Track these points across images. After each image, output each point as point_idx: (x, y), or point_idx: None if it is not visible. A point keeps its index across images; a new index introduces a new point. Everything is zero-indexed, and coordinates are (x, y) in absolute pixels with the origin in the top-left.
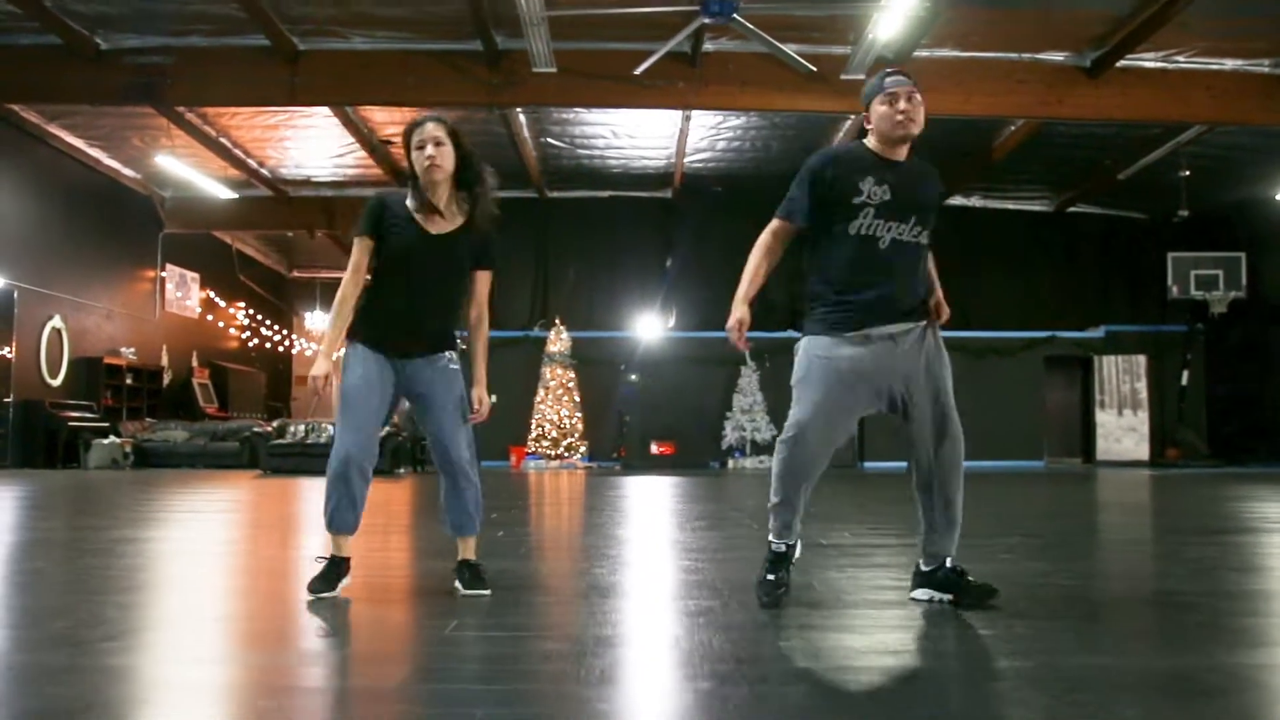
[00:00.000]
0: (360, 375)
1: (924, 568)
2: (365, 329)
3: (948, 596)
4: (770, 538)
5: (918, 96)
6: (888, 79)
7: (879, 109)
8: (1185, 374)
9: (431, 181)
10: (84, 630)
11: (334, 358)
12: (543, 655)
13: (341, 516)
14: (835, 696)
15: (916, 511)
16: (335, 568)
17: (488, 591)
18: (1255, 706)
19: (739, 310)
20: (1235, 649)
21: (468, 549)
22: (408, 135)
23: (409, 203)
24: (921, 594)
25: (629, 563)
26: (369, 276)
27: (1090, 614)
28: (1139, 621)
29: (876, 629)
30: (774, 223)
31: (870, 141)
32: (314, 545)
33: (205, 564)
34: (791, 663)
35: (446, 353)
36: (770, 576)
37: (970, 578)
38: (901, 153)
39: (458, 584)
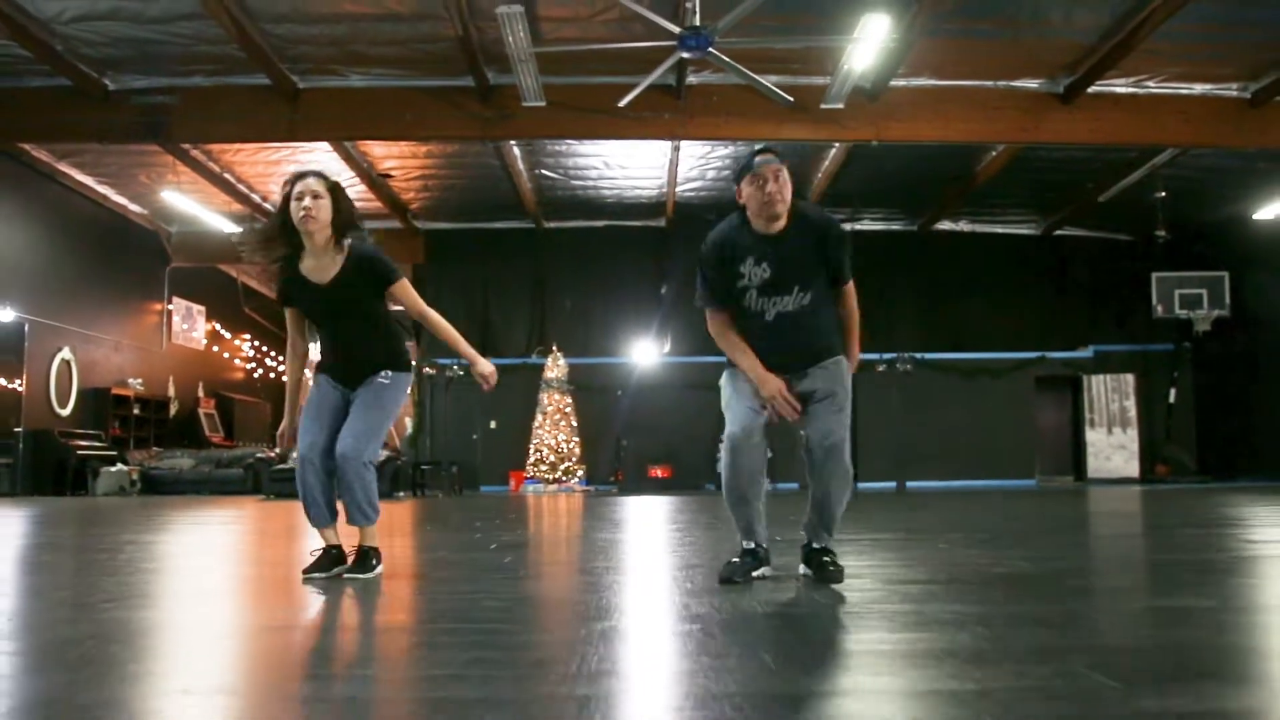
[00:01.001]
0: (314, 396)
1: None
2: (320, 360)
3: (809, 572)
4: (740, 539)
5: (784, 174)
6: (756, 159)
7: (748, 189)
8: (1172, 392)
9: (306, 231)
10: (86, 596)
11: (295, 421)
12: (491, 607)
13: (310, 511)
14: (728, 629)
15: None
16: (326, 557)
17: (370, 574)
18: (1064, 634)
19: (770, 382)
20: (1089, 600)
21: (365, 536)
22: (287, 187)
23: (298, 257)
24: (800, 568)
25: (600, 552)
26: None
27: (987, 581)
28: (1024, 587)
29: (776, 591)
30: (707, 315)
31: (750, 218)
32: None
33: (207, 558)
34: (702, 610)
35: (383, 372)
36: (734, 560)
37: (828, 560)
38: (778, 225)
39: (348, 570)
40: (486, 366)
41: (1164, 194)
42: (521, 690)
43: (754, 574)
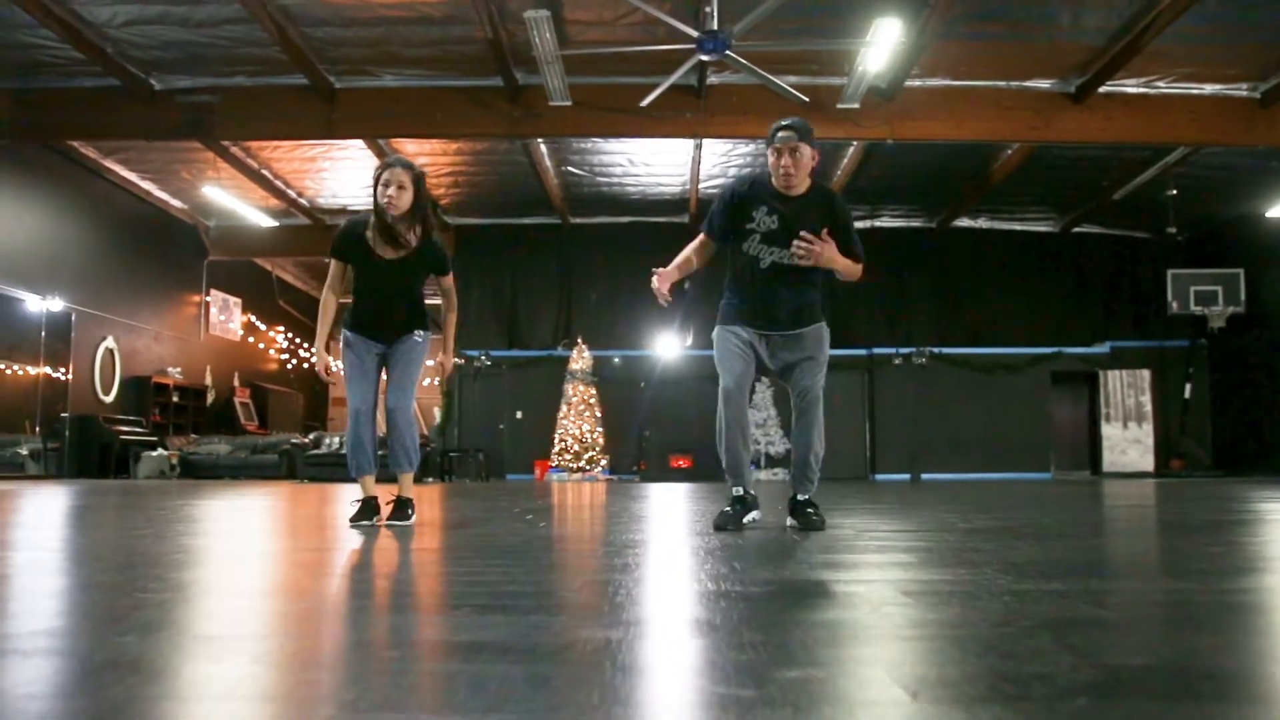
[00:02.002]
0: (354, 354)
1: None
2: (352, 319)
3: (794, 522)
4: (730, 485)
5: (803, 150)
6: (779, 133)
7: (769, 157)
8: (1188, 387)
9: (387, 214)
10: (161, 530)
11: (325, 354)
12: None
13: (358, 459)
14: (730, 551)
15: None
16: (368, 506)
17: (408, 522)
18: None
19: (656, 277)
20: (1023, 540)
21: (404, 486)
22: (378, 172)
23: (370, 229)
24: (787, 519)
25: (618, 521)
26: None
27: (948, 529)
28: (977, 534)
29: (768, 533)
30: (699, 236)
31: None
32: (345, 509)
33: (257, 514)
34: (705, 541)
35: (416, 332)
36: (726, 509)
37: (811, 510)
38: (795, 191)
39: (387, 519)
40: (449, 362)
41: (1174, 192)
42: (541, 583)
43: (744, 519)
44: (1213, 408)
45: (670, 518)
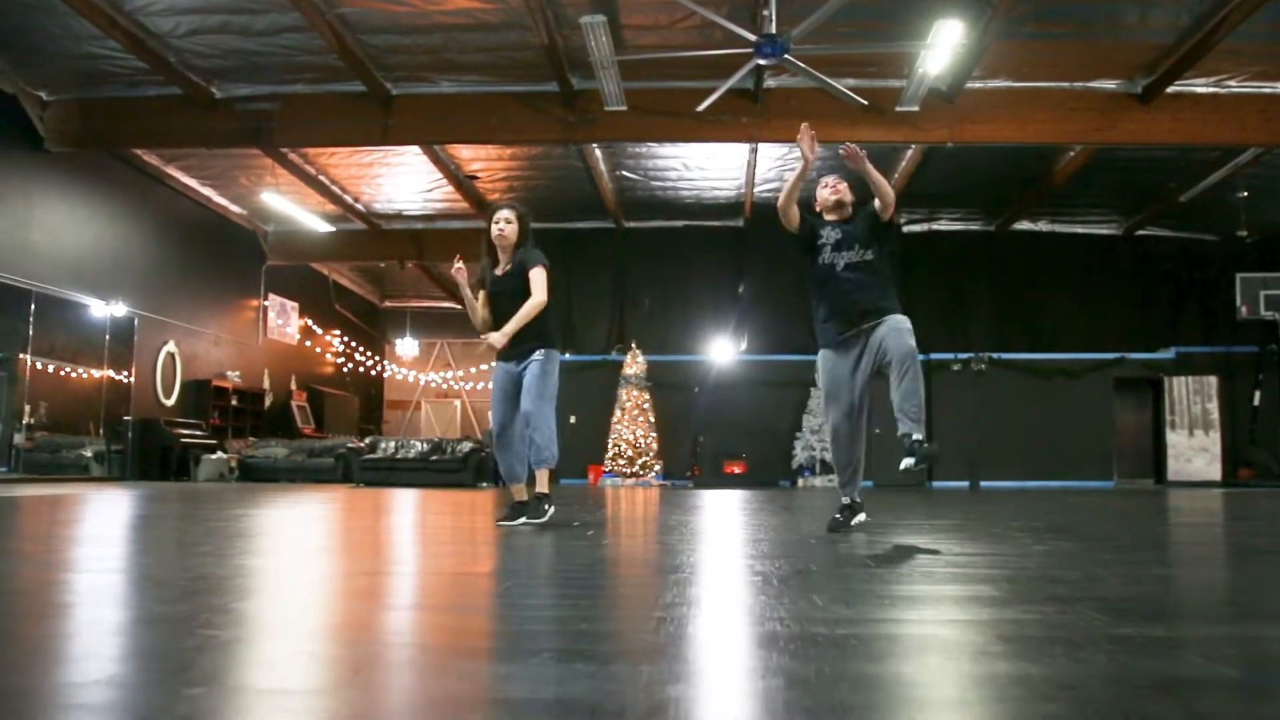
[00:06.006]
0: (497, 379)
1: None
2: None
3: (911, 460)
4: (841, 493)
5: (843, 185)
6: (827, 176)
7: (819, 193)
8: (1257, 394)
9: (500, 247)
10: (202, 543)
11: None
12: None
13: (508, 469)
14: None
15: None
16: (515, 509)
17: (541, 520)
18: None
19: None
20: (1108, 567)
21: (542, 482)
22: (490, 213)
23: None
24: (905, 461)
25: (693, 530)
26: None
27: (1026, 554)
28: (1059, 558)
29: (834, 560)
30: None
31: (822, 213)
32: (400, 522)
33: (306, 530)
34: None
35: (538, 352)
36: (837, 515)
37: (919, 441)
38: (843, 215)
39: (524, 518)
40: (498, 337)
41: (1245, 194)
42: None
43: (852, 522)
44: None
45: (737, 537)
